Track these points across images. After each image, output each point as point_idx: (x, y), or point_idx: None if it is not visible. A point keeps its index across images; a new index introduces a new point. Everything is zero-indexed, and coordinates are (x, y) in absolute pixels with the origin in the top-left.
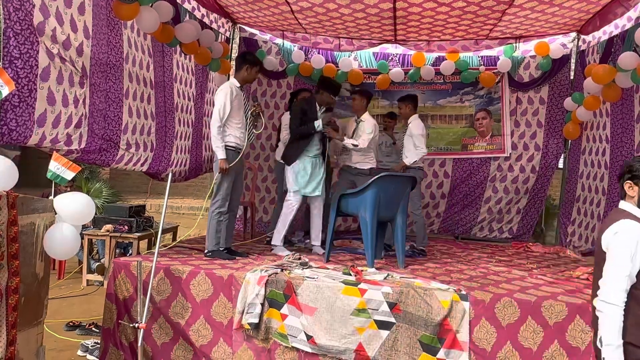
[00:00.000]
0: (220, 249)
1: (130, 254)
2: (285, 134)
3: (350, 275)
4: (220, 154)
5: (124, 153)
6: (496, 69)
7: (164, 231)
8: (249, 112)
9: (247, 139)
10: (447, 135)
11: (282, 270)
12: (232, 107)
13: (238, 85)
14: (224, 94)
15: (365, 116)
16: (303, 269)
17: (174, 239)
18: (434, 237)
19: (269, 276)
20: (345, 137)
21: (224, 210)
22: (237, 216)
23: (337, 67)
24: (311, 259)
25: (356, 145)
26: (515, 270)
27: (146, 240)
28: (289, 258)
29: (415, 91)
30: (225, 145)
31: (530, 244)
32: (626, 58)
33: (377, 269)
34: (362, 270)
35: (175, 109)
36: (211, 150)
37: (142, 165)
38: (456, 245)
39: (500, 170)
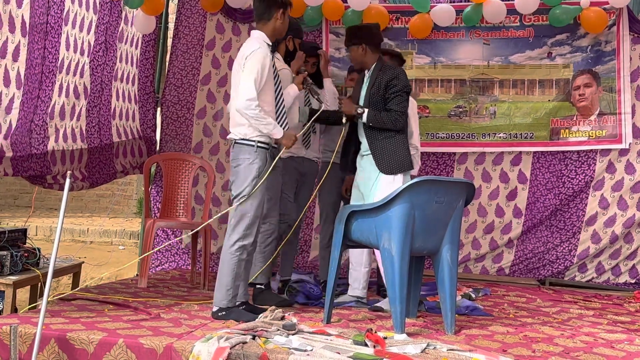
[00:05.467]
0: (237, 303)
1: (1, 312)
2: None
3: (366, 345)
4: (277, 130)
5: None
6: (608, 2)
7: (59, 272)
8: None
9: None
10: (524, 114)
11: (253, 337)
12: (265, 80)
13: (269, 43)
14: (260, 56)
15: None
16: (288, 335)
17: (75, 285)
18: (504, 280)
19: (231, 347)
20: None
21: (250, 242)
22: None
23: (345, 2)
24: (302, 318)
25: None
26: None
27: (28, 287)
28: (267, 316)
29: (474, 41)
30: (257, 142)
31: None
32: None
33: (409, 334)
34: (385, 338)
35: (58, 69)
36: (127, 136)
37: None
38: (541, 294)
39: (613, 172)
